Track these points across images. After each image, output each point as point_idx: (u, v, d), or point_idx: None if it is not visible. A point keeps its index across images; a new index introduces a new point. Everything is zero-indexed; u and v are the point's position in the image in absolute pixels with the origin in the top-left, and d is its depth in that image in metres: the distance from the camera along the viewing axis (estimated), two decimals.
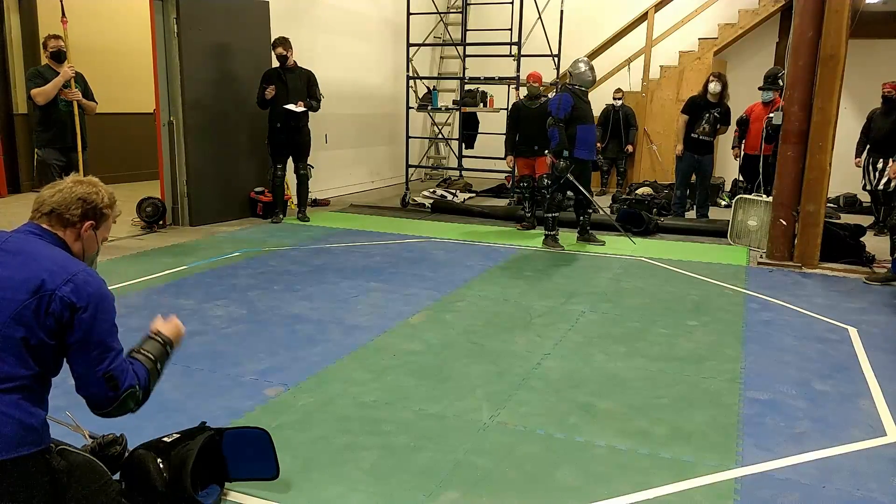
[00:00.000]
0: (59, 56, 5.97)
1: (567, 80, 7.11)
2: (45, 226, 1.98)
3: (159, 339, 2.14)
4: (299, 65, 7.65)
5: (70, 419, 2.47)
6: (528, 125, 7.45)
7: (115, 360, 1.92)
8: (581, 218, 7.00)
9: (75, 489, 1.83)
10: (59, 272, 1.84)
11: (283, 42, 7.46)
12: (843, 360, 4.02)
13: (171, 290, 5.05)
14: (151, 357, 2.09)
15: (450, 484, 2.62)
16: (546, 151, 7.07)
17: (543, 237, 6.97)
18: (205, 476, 2.37)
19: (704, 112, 7.94)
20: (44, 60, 6.20)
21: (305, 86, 7.60)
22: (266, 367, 3.68)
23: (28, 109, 7.78)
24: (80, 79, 6.27)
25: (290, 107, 7.43)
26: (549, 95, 8.63)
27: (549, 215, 6.93)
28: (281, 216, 7.83)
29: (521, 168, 7.65)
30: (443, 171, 12.14)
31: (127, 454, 2.28)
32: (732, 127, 8.41)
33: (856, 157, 8.27)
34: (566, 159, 6.70)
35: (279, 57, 7.46)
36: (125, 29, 9.97)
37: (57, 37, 6.07)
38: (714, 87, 7.88)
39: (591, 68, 6.88)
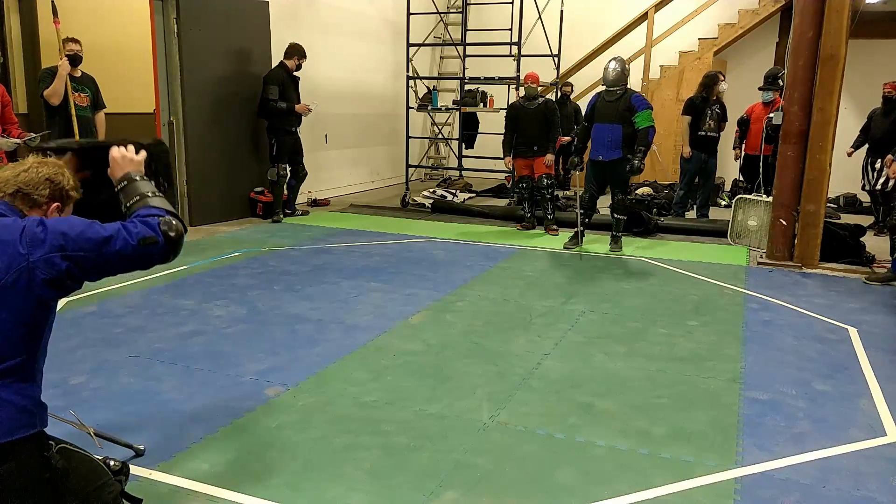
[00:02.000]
0: (75, 60, 5.99)
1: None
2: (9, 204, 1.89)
3: (127, 180, 2.00)
4: (303, 66, 7.85)
5: (74, 417, 2.47)
6: (525, 126, 7.45)
7: (126, 230, 1.82)
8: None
9: (75, 487, 1.82)
10: (14, 239, 1.74)
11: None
12: (843, 360, 4.01)
13: (171, 290, 5.05)
14: (141, 194, 1.96)
15: (450, 484, 2.62)
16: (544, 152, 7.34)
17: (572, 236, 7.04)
18: None
19: (706, 109, 7.95)
20: (45, 63, 6.20)
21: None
22: (266, 367, 3.68)
23: (27, 110, 7.77)
24: (90, 83, 6.28)
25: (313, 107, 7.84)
26: (548, 96, 8.64)
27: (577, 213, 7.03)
28: (282, 215, 7.84)
29: (520, 168, 7.65)
30: (443, 171, 12.14)
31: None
32: (732, 126, 8.41)
33: (850, 147, 8.24)
34: (573, 157, 6.94)
35: (298, 67, 7.73)
36: (125, 29, 9.95)
37: (75, 40, 6.09)
38: (723, 86, 7.98)
39: (612, 67, 6.58)
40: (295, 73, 7.74)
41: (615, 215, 6.80)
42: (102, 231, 1.80)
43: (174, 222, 1.88)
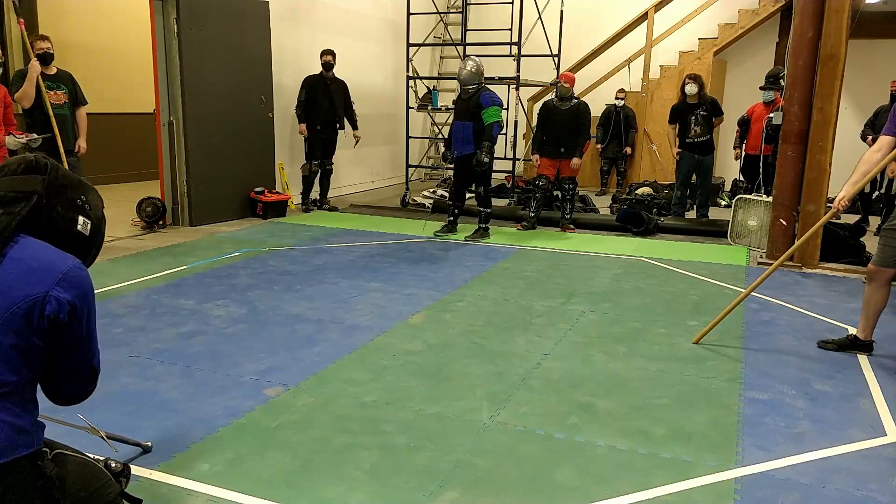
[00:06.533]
0: (46, 59, 5.88)
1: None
2: None
3: None
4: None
5: (84, 422, 2.47)
6: (556, 126, 7.52)
7: (97, 350, 1.90)
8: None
9: (71, 491, 1.81)
10: (46, 270, 1.70)
11: (332, 52, 8.23)
12: (843, 360, 4.01)
13: (171, 290, 5.05)
14: None
15: (450, 484, 2.62)
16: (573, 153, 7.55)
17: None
18: None
19: (689, 115, 7.92)
20: (18, 63, 6.14)
21: (343, 94, 8.33)
22: (266, 367, 3.68)
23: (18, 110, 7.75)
24: (68, 79, 6.19)
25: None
26: (550, 96, 8.63)
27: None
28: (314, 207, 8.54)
29: (544, 167, 7.70)
30: (443, 171, 12.13)
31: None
32: (730, 124, 8.39)
33: (871, 135, 7.93)
34: (445, 151, 7.37)
35: (326, 64, 8.13)
36: (125, 29, 9.97)
37: (45, 38, 5.99)
38: (690, 88, 7.84)
39: (466, 67, 7.07)
40: (330, 76, 8.20)
41: (479, 207, 7.26)
42: (94, 334, 1.88)
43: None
